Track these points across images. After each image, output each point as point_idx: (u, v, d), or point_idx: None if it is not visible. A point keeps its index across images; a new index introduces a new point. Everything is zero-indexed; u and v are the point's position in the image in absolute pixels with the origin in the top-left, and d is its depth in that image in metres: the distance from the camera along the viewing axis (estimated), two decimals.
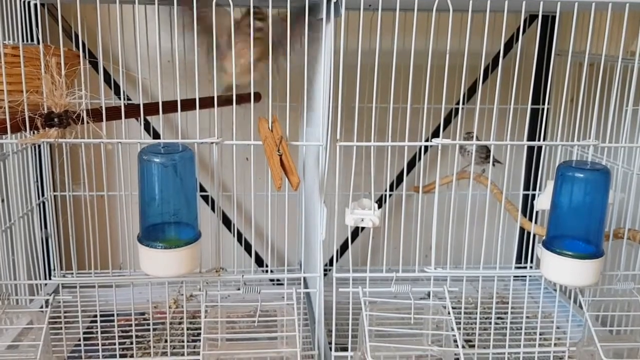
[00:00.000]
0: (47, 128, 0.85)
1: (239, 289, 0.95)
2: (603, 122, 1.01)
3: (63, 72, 0.84)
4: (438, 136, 0.94)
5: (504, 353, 1.08)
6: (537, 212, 1.28)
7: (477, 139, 1.06)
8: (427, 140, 0.97)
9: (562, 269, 0.92)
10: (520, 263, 1.43)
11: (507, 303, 1.21)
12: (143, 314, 1.24)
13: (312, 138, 1.03)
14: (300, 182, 0.87)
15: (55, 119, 0.84)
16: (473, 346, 1.12)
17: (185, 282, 1.12)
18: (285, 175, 0.87)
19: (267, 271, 1.46)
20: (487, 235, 1.09)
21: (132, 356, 1.08)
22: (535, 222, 1.22)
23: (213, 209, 1.29)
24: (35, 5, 1.17)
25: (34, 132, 0.85)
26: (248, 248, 1.47)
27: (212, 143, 0.91)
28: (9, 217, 1.12)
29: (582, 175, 0.90)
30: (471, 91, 1.37)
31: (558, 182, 0.93)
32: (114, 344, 1.05)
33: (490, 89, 1.25)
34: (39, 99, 0.84)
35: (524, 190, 1.31)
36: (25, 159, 1.22)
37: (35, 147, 1.25)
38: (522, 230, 1.31)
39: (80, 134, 0.89)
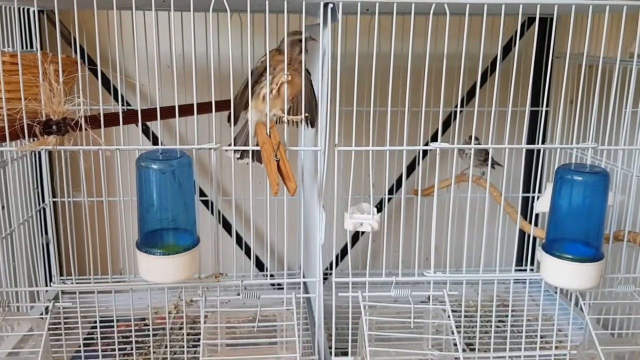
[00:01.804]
0: (45, 135, 0.85)
1: (238, 294, 0.95)
2: (602, 124, 1.01)
3: (61, 80, 0.84)
4: (437, 139, 0.94)
5: (505, 357, 1.08)
6: (536, 215, 1.28)
7: (478, 143, 1.06)
8: (426, 144, 0.97)
9: (562, 273, 0.91)
10: (521, 265, 1.43)
11: (508, 306, 1.20)
12: (143, 319, 1.24)
13: (310, 143, 1.03)
14: (297, 187, 0.87)
15: (54, 127, 0.84)
16: (474, 350, 1.12)
17: (185, 287, 1.12)
18: (282, 181, 0.87)
19: (266, 276, 1.46)
20: (486, 238, 1.09)
21: None
22: (535, 225, 1.22)
23: (213, 213, 1.29)
24: (34, 12, 1.17)
25: (32, 140, 0.85)
26: (248, 252, 1.47)
27: (210, 149, 0.91)
28: (9, 224, 1.12)
29: (580, 178, 0.90)
30: (470, 94, 1.37)
31: (557, 185, 0.92)
32: (114, 349, 1.05)
33: (489, 92, 1.25)
34: (37, 107, 0.84)
35: (524, 192, 1.31)
36: (24, 166, 1.22)
37: (34, 154, 1.25)
38: (522, 232, 1.31)
39: (79, 140, 0.89)
